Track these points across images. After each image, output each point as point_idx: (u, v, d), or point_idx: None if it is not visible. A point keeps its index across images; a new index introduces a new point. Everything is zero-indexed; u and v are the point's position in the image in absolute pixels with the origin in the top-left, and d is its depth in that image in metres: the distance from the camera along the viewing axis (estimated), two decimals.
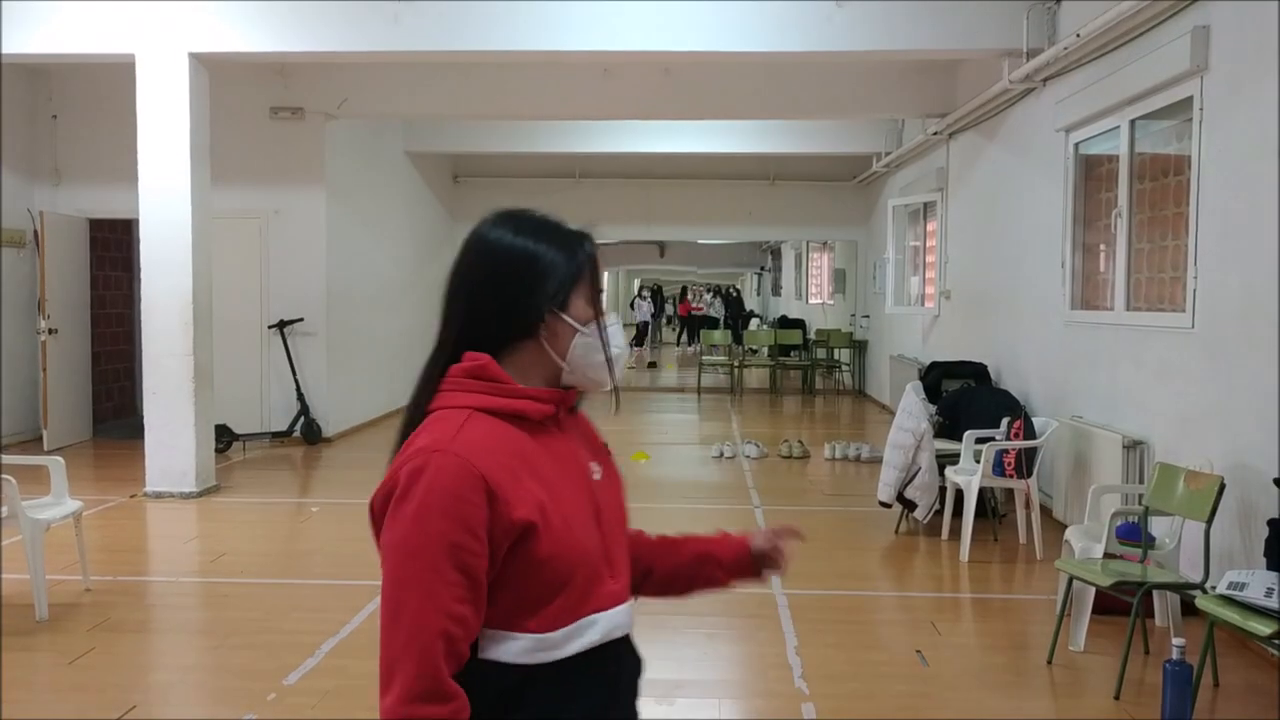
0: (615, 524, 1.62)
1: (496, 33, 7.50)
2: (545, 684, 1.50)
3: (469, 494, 1.40)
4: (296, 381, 10.17)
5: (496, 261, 1.55)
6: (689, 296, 33.63)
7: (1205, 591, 4.03)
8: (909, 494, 6.68)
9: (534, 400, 1.54)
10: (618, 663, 1.60)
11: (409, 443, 1.49)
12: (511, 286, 1.54)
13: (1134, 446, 5.74)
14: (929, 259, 11.62)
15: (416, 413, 1.54)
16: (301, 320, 10.24)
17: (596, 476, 1.61)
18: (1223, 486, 4.24)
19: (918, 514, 6.69)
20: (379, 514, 1.45)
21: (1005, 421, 6.54)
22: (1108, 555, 4.58)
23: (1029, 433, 6.38)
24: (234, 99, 9.72)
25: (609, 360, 1.59)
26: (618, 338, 1.62)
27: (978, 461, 6.33)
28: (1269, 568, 4.03)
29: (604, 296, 1.65)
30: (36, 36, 7.62)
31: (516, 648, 1.48)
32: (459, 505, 1.40)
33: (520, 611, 1.48)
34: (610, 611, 1.55)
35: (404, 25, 7.50)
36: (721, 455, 9.83)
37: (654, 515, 7.54)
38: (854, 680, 4.30)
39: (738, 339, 19.07)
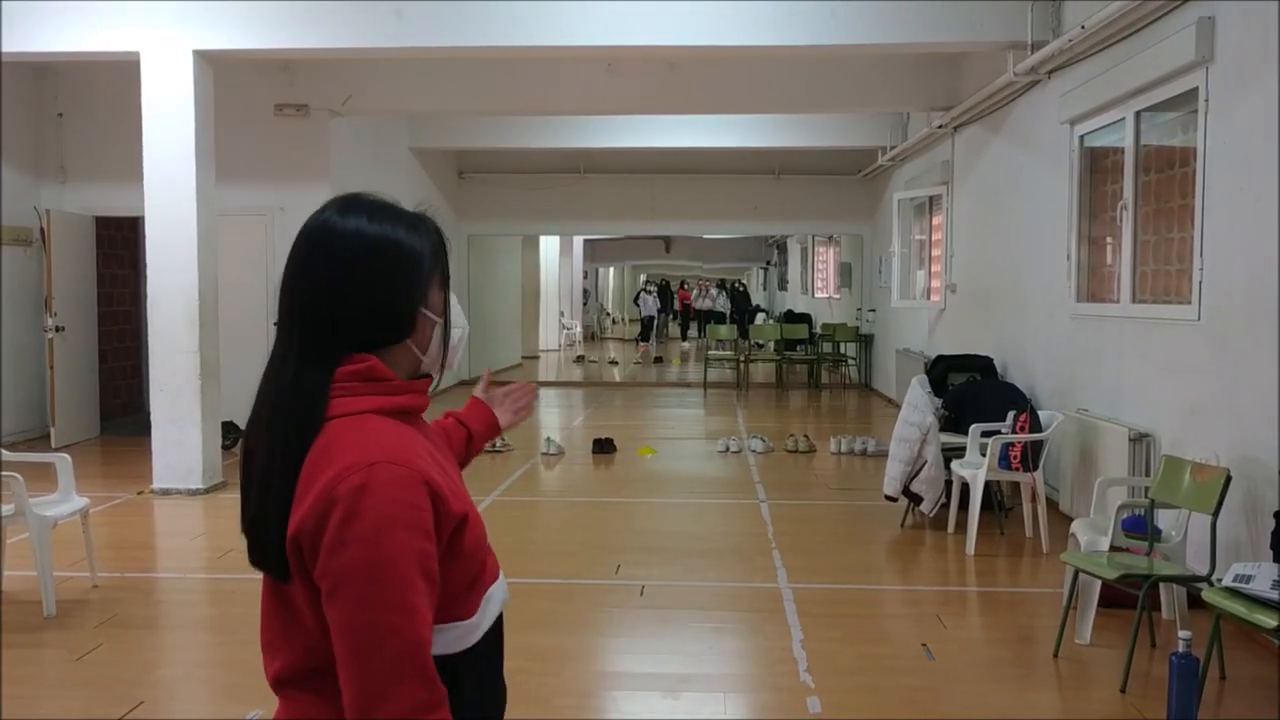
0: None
1: (500, 28, 7.50)
2: (470, 666, 1.52)
3: (419, 499, 1.36)
4: None
5: (359, 255, 1.46)
6: (685, 286, 33.61)
7: (1211, 584, 4.02)
8: (915, 488, 6.68)
9: (416, 394, 1.53)
10: (501, 632, 1.63)
11: (325, 459, 1.38)
12: (383, 281, 1.47)
13: (1140, 439, 5.73)
14: (934, 253, 11.60)
15: (308, 421, 1.42)
16: None
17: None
18: (1229, 479, 4.24)
19: (924, 508, 6.68)
20: (311, 542, 1.34)
21: (1011, 415, 6.54)
22: (1114, 548, 4.57)
23: (1035, 426, 6.37)
24: (239, 96, 9.74)
25: (446, 346, 1.60)
26: (460, 318, 1.64)
27: (983, 455, 6.33)
28: (1275, 560, 4.02)
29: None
30: (42, 35, 7.64)
31: (449, 638, 1.47)
32: (415, 513, 1.35)
33: (450, 603, 1.46)
34: (499, 582, 1.59)
35: (408, 22, 7.50)
36: (727, 450, 9.84)
37: (659, 510, 7.57)
38: (860, 674, 4.30)
39: (744, 333, 19.06)
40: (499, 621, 1.60)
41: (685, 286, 33.62)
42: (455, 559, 1.45)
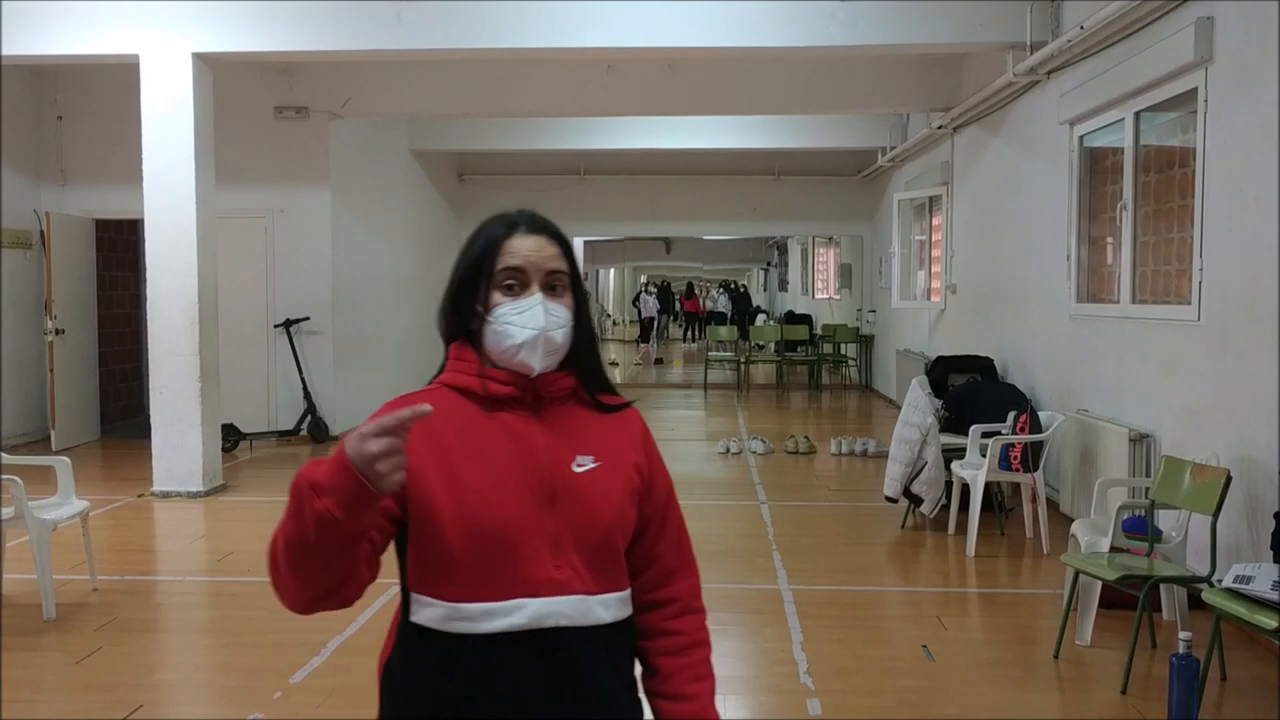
0: (583, 517, 1.57)
1: (500, 30, 7.50)
2: (473, 655, 1.53)
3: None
4: (303, 380, 10.19)
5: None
6: (696, 294, 33.42)
7: (1212, 585, 4.01)
8: (915, 489, 6.68)
9: (489, 380, 1.60)
10: (558, 654, 1.54)
11: None
12: (453, 278, 1.65)
13: (1140, 440, 5.72)
14: (935, 253, 11.60)
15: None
16: (307, 319, 10.26)
17: (580, 469, 1.59)
18: (1229, 480, 4.23)
19: (924, 509, 6.68)
20: None
21: (1011, 415, 6.53)
22: (1114, 549, 4.56)
23: (1035, 427, 6.37)
24: (238, 99, 9.74)
25: (506, 345, 1.59)
26: (521, 320, 1.58)
27: (984, 456, 6.32)
28: (1275, 561, 4.01)
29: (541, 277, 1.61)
30: (41, 38, 7.64)
31: (434, 614, 1.54)
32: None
33: (431, 576, 1.54)
34: (546, 599, 1.53)
35: (407, 24, 7.51)
36: (728, 451, 9.83)
37: None
38: (859, 675, 4.30)
39: (744, 335, 19.06)
40: (552, 648, 1.54)
41: (695, 294, 33.20)
42: (423, 528, 1.53)
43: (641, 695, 1.70)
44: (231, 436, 9.58)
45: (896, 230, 12.32)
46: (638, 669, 1.70)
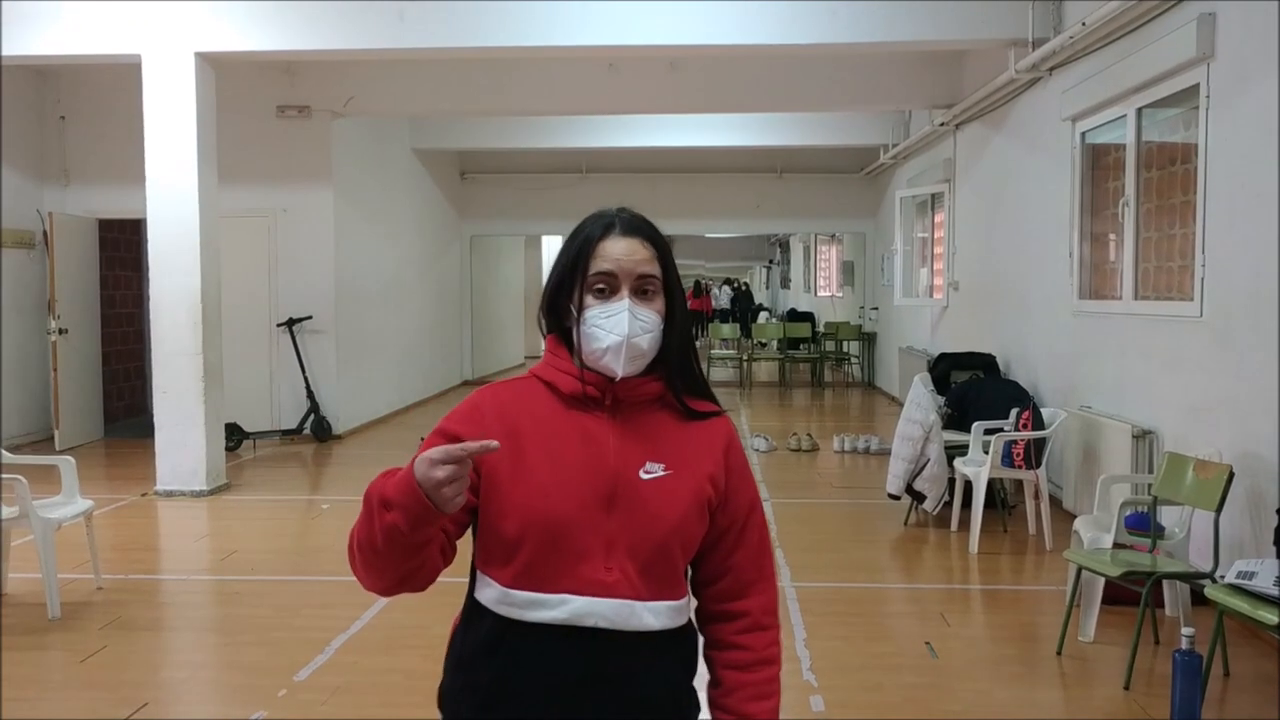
0: (641, 523, 1.58)
1: (502, 29, 7.50)
2: (516, 640, 1.57)
3: (460, 411, 1.65)
4: (306, 379, 10.20)
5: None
6: (706, 292, 33.15)
7: (1214, 581, 4.02)
8: (918, 486, 6.68)
9: (568, 375, 1.64)
10: (594, 654, 1.56)
11: None
12: (551, 275, 1.69)
13: (1143, 436, 5.72)
14: (937, 250, 11.59)
15: None
16: (310, 318, 10.27)
17: (647, 475, 1.60)
18: (1232, 476, 4.23)
19: (927, 506, 6.68)
20: None
21: (1014, 412, 6.53)
22: (1117, 545, 4.57)
23: (1037, 423, 6.37)
24: (240, 98, 9.74)
25: (588, 349, 1.62)
26: (608, 324, 1.60)
27: (986, 453, 6.32)
28: (1278, 557, 4.01)
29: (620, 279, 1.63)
30: (43, 38, 7.65)
31: (490, 594, 1.60)
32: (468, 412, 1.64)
33: (492, 558, 1.60)
34: (589, 599, 1.55)
35: (409, 23, 7.51)
36: None
37: None
38: (863, 672, 4.30)
39: (746, 332, 19.05)
40: (589, 648, 1.56)
41: (706, 292, 32.83)
42: (485, 512, 1.60)
43: (703, 700, 1.72)
44: (235, 435, 9.59)
45: (899, 227, 12.31)
46: (701, 677, 1.71)
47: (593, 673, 1.56)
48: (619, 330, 1.59)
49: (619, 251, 1.62)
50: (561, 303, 1.65)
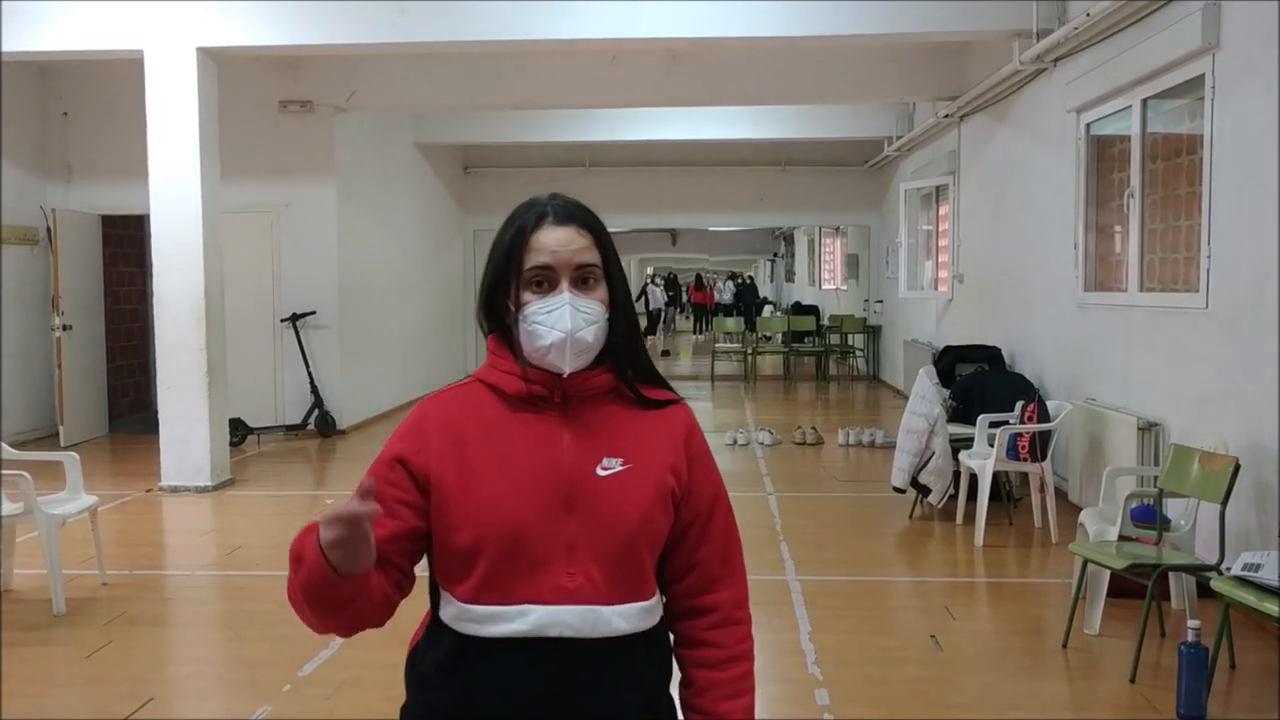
0: (602, 522, 1.52)
1: (503, 23, 7.48)
2: (477, 658, 1.51)
3: (413, 430, 1.57)
4: (310, 374, 10.20)
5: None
6: (708, 286, 33.15)
7: (1220, 573, 4.00)
8: (923, 479, 6.67)
9: (512, 376, 1.56)
10: (559, 664, 1.49)
11: None
12: (485, 273, 1.60)
13: (1149, 428, 5.70)
14: (942, 243, 11.57)
15: None
16: (314, 313, 10.27)
17: (605, 472, 1.53)
18: (1238, 468, 4.21)
19: (932, 499, 6.67)
20: None
21: (1019, 405, 6.51)
22: (1123, 538, 4.55)
23: (1043, 416, 6.35)
24: (243, 93, 9.73)
25: (528, 346, 1.54)
26: (549, 320, 1.52)
27: (992, 445, 6.31)
28: None
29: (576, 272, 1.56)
30: (46, 34, 7.64)
31: (450, 611, 1.54)
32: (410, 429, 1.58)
33: (446, 573, 1.55)
34: (551, 608, 1.48)
35: (411, 17, 7.50)
36: (735, 442, 9.83)
37: None
38: (868, 665, 4.30)
39: (751, 326, 19.03)
40: (555, 659, 1.49)
41: (709, 286, 32.74)
42: (436, 525, 1.54)
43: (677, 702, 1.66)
44: (239, 431, 9.59)
45: (903, 220, 12.28)
46: (673, 677, 1.65)
47: (561, 686, 1.49)
48: (561, 326, 1.51)
49: (555, 242, 1.53)
50: (499, 301, 1.56)
